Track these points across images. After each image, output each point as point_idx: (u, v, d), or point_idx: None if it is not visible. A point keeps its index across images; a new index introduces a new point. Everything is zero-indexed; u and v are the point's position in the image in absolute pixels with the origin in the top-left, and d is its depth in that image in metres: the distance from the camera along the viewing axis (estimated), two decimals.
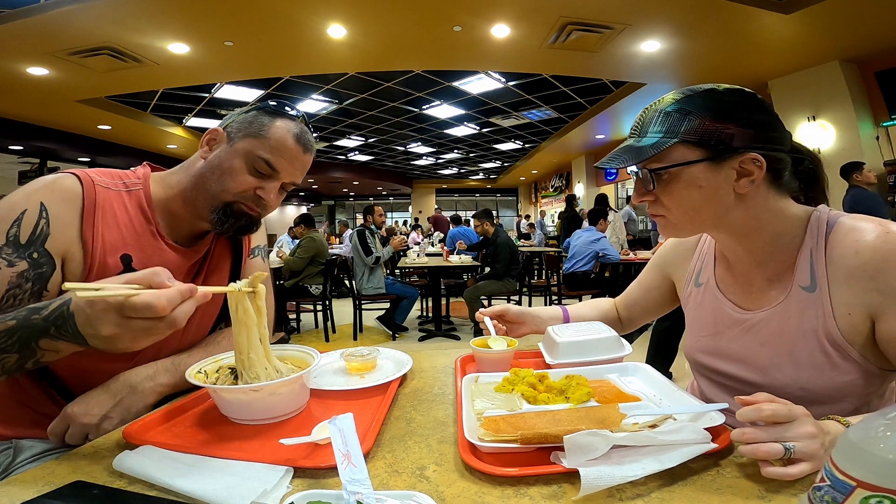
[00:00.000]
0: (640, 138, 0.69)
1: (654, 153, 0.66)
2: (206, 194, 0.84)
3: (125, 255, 0.80)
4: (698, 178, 0.66)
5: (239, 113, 0.88)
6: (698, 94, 0.67)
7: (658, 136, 0.67)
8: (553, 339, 0.89)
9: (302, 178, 0.90)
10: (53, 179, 0.77)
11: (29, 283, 0.71)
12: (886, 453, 0.30)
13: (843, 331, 0.64)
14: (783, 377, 0.69)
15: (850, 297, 0.64)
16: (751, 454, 0.48)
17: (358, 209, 19.63)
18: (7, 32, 4.04)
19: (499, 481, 0.50)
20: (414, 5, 4.04)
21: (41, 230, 0.72)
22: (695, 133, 0.65)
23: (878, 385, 0.68)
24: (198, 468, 0.53)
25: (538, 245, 9.68)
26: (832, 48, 4.73)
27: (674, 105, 0.67)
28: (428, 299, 5.11)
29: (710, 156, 0.65)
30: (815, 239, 0.68)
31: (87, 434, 0.70)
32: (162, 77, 5.46)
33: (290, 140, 0.84)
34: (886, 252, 0.61)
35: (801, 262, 0.69)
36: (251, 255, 1.04)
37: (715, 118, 0.64)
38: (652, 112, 0.69)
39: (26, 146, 7.56)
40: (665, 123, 0.67)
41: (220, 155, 0.84)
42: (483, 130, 9.39)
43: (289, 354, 0.80)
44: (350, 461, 0.44)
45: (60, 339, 0.58)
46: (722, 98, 0.66)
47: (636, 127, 0.71)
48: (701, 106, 0.65)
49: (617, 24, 4.37)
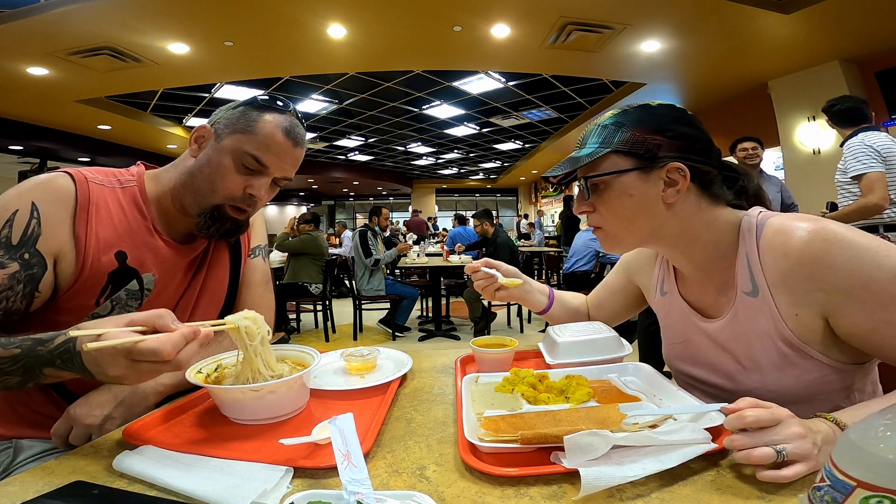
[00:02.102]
0: (580, 150, 0.75)
1: (589, 161, 0.70)
2: (195, 194, 0.83)
3: (120, 252, 0.79)
4: (629, 187, 0.69)
5: (227, 109, 0.86)
6: (633, 109, 0.72)
7: (594, 146, 0.72)
8: (553, 339, 0.89)
9: (294, 172, 0.88)
10: (46, 179, 0.76)
11: (20, 284, 0.70)
12: (886, 453, 0.30)
13: (795, 332, 0.64)
14: (749, 381, 0.70)
15: (792, 299, 0.64)
16: (744, 460, 0.48)
17: (358, 209, 19.62)
18: (7, 32, 4.03)
19: (499, 481, 0.50)
20: (414, 5, 4.04)
21: (32, 230, 0.72)
22: (626, 143, 0.69)
23: (854, 379, 0.67)
24: (198, 468, 0.53)
25: (538, 245, 9.67)
26: (832, 48, 4.72)
27: (611, 119, 0.73)
28: (428, 299, 5.11)
29: (640, 165, 0.69)
30: (748, 244, 0.68)
31: (91, 435, 0.70)
32: (162, 77, 5.45)
33: (280, 134, 0.82)
34: (816, 251, 0.61)
35: (740, 269, 0.69)
36: (252, 255, 1.03)
37: (645, 130, 0.69)
38: (592, 126, 0.75)
39: (26, 146, 7.56)
40: (601, 135, 0.72)
41: (208, 153, 0.83)
42: (483, 130, 9.38)
43: (289, 354, 0.80)
44: (350, 461, 0.44)
45: (66, 371, 0.59)
46: (653, 112, 0.71)
47: (579, 140, 0.76)
48: (633, 119, 0.70)
49: (617, 24, 4.37)
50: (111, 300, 0.79)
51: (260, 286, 1.03)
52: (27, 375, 0.60)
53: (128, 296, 0.80)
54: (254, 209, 0.87)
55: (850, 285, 0.59)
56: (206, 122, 0.87)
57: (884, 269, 0.57)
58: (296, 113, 0.87)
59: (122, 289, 0.80)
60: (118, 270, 0.79)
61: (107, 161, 8.70)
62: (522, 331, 4.73)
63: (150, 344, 0.53)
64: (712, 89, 6.13)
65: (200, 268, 0.93)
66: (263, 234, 1.08)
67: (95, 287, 0.77)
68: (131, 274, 0.80)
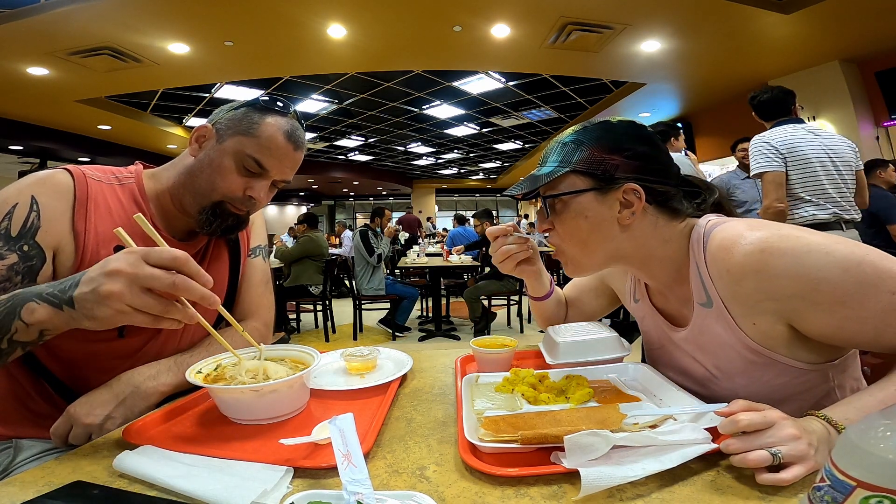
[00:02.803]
0: (541, 167, 0.73)
1: (548, 181, 0.69)
2: (195, 193, 0.84)
3: (119, 248, 0.78)
4: (586, 208, 0.69)
5: (228, 109, 0.86)
6: (593, 127, 0.71)
7: (554, 164, 0.71)
8: (553, 340, 0.89)
9: (293, 174, 0.89)
10: (45, 175, 0.77)
11: (19, 276, 0.71)
12: (886, 453, 0.30)
13: (755, 339, 0.63)
14: (720, 389, 0.69)
15: (745, 310, 0.62)
16: (741, 464, 0.48)
17: (358, 209, 19.63)
18: (7, 32, 4.03)
19: (499, 481, 0.50)
20: (414, 5, 4.04)
21: (32, 223, 0.73)
22: (585, 163, 0.68)
23: (829, 377, 0.66)
24: (198, 468, 0.53)
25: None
26: (832, 48, 4.73)
27: (571, 136, 0.71)
28: (428, 299, 5.11)
29: (597, 186, 0.68)
30: (697, 256, 0.67)
31: (91, 434, 0.70)
32: (162, 77, 5.45)
33: (281, 138, 0.83)
34: (755, 263, 0.59)
35: (693, 280, 0.68)
36: (252, 255, 1.03)
37: (603, 149, 0.68)
38: (553, 143, 0.73)
39: (26, 146, 7.56)
40: (561, 153, 0.71)
41: (209, 153, 0.83)
42: (483, 130, 9.39)
43: (289, 354, 0.80)
44: (350, 461, 0.44)
45: (44, 302, 0.57)
46: (613, 129, 0.70)
47: (541, 158, 0.75)
48: (592, 137, 0.69)
49: (617, 24, 4.37)
50: None
51: (260, 286, 1.03)
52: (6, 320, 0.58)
53: None
54: (253, 210, 0.88)
55: (801, 291, 0.57)
56: (207, 121, 0.87)
57: (829, 267, 0.55)
58: (297, 115, 0.88)
59: None
60: None
61: (107, 161, 8.62)
62: (522, 331, 4.73)
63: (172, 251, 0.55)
64: (712, 89, 6.13)
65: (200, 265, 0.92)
66: (263, 234, 1.08)
67: None
68: None
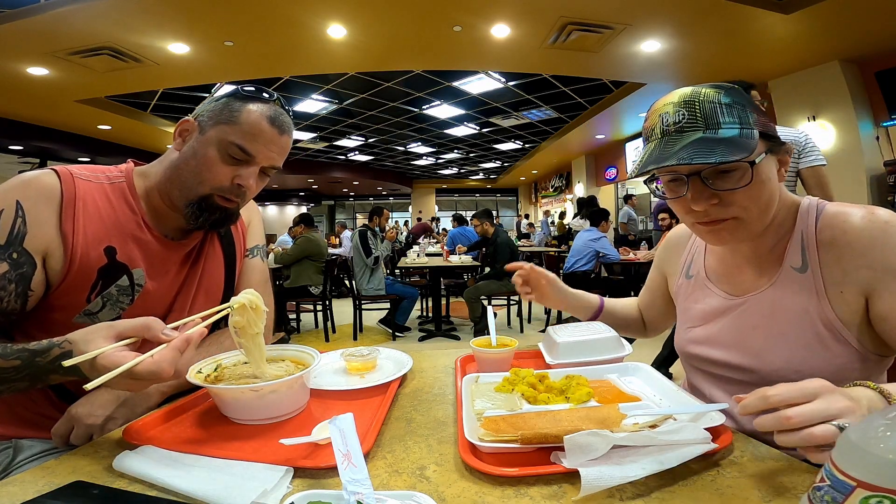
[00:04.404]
0: (713, 131, 0.63)
1: (753, 144, 0.62)
2: (181, 187, 0.82)
3: (109, 248, 0.79)
4: (769, 170, 0.67)
5: (210, 101, 0.84)
6: (734, 89, 0.66)
7: (736, 126, 0.63)
8: (553, 339, 0.89)
9: (282, 160, 0.87)
10: (30, 177, 0.76)
11: (12, 284, 0.70)
12: (886, 453, 0.30)
13: (836, 310, 0.65)
14: (777, 360, 0.69)
15: (840, 275, 0.65)
16: (804, 442, 0.43)
17: (358, 209, 19.62)
18: (7, 32, 4.03)
19: (499, 481, 0.50)
20: (414, 5, 4.04)
21: (18, 229, 0.71)
22: (759, 124, 0.65)
23: (876, 372, 0.68)
24: (198, 468, 0.53)
25: (538, 245, 9.68)
26: (832, 48, 4.72)
27: (726, 97, 0.64)
28: (428, 299, 5.10)
29: (770, 147, 0.67)
30: (807, 222, 0.70)
31: (92, 435, 0.70)
32: (162, 77, 5.45)
33: (265, 123, 0.81)
34: (873, 231, 0.63)
35: (793, 245, 0.70)
36: (249, 255, 1.03)
37: (758, 112, 0.66)
38: (707, 104, 0.64)
39: (26, 146, 7.56)
40: (733, 115, 0.63)
41: (193, 146, 0.82)
42: (483, 130, 9.38)
43: (289, 354, 0.80)
44: (350, 461, 0.44)
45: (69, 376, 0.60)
46: (745, 93, 0.68)
47: (693, 120, 0.64)
48: (746, 100, 0.66)
49: (617, 24, 4.36)
50: (102, 297, 0.78)
51: (259, 286, 1.03)
52: (35, 381, 0.62)
53: (119, 292, 0.80)
54: (243, 200, 0.86)
55: None
56: (190, 116, 0.85)
57: None
58: (281, 102, 0.86)
59: (113, 284, 0.79)
60: (108, 266, 0.78)
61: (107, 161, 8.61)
62: (522, 331, 4.73)
63: (147, 366, 0.55)
64: None
65: (195, 264, 0.92)
66: (261, 235, 1.07)
67: (85, 283, 0.77)
68: (121, 269, 0.80)
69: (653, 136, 0.68)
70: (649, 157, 0.66)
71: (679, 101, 0.66)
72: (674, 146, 0.64)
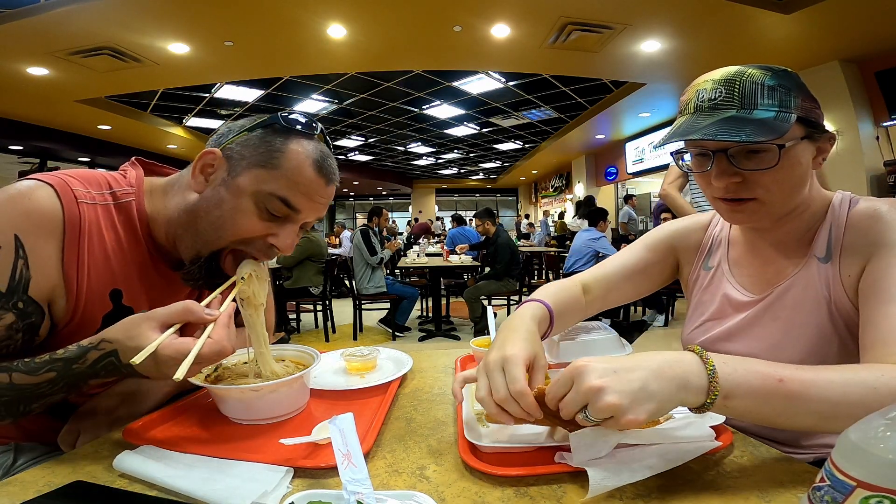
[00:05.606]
0: (748, 110, 0.63)
1: (786, 128, 0.62)
2: (195, 238, 0.69)
3: (115, 291, 0.70)
4: (802, 155, 0.66)
5: (240, 130, 0.69)
6: (784, 73, 0.66)
7: (774, 109, 0.63)
8: (553, 339, 0.89)
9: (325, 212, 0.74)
10: (30, 206, 0.62)
11: (20, 333, 0.63)
12: (886, 453, 0.30)
13: (849, 294, 0.65)
14: (797, 352, 0.69)
15: (852, 259, 0.65)
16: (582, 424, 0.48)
17: (358, 209, 19.62)
18: (7, 32, 4.04)
19: (499, 481, 0.50)
20: (414, 5, 4.04)
21: (21, 274, 0.61)
22: (801, 110, 0.65)
23: None
24: (198, 468, 0.53)
25: (538, 245, 9.68)
26: (832, 48, 4.72)
27: (772, 79, 0.64)
28: (428, 299, 5.10)
29: (808, 134, 0.66)
30: (838, 214, 0.69)
31: None
32: (162, 77, 5.45)
33: (310, 170, 0.67)
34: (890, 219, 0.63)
35: (821, 235, 0.70)
36: None
37: (806, 97, 0.65)
38: (748, 84, 0.64)
39: (26, 146, 7.56)
40: (774, 97, 0.63)
41: (220, 193, 0.67)
42: (483, 130, 9.39)
43: (289, 354, 0.80)
44: (350, 461, 0.44)
45: (112, 376, 0.60)
46: (801, 79, 0.67)
47: (729, 98, 0.65)
48: (795, 84, 0.65)
49: (617, 24, 4.37)
50: None
51: None
52: (71, 389, 0.60)
53: None
54: (268, 258, 0.73)
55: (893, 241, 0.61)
56: (214, 144, 0.70)
57: None
58: (324, 136, 0.72)
59: None
60: (112, 312, 0.70)
61: (107, 161, 8.70)
62: None
63: (211, 346, 0.57)
64: None
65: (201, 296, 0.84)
66: None
67: (89, 329, 0.67)
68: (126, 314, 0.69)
69: (686, 110, 0.69)
70: (677, 129, 0.67)
71: (720, 79, 0.67)
72: (703, 121, 0.65)
